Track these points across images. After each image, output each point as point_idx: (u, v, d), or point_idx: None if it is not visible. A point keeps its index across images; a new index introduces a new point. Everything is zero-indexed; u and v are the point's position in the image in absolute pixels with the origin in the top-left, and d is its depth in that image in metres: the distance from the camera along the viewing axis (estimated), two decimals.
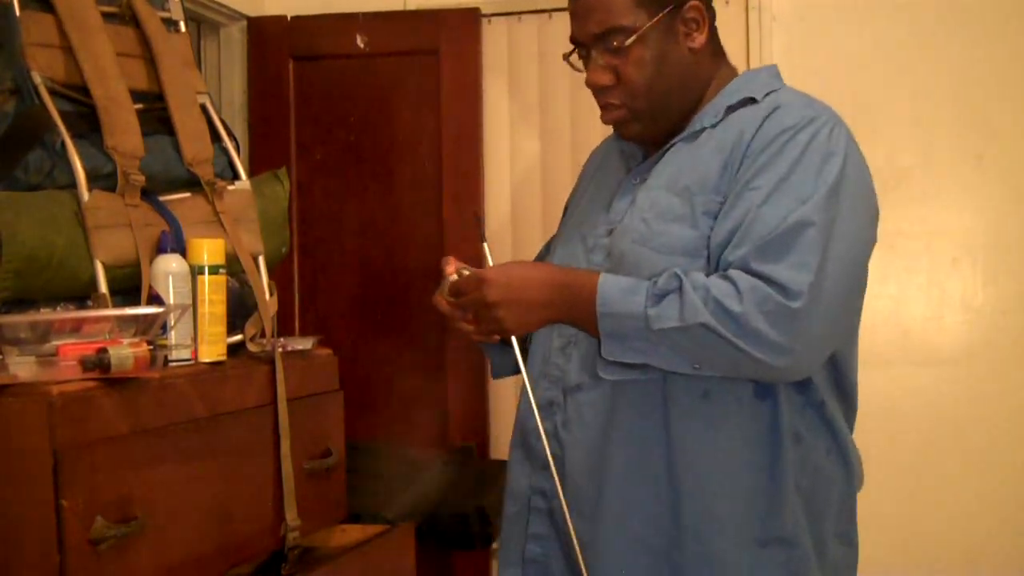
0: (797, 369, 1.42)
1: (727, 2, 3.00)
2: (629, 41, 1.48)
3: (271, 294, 1.82)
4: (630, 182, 1.59)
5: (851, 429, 1.59)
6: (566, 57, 1.58)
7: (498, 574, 1.67)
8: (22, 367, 1.35)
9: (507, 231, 3.12)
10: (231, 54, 3.23)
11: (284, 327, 2.65)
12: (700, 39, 1.53)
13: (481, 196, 3.11)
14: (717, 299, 1.36)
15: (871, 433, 3.01)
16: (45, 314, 1.51)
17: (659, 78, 1.51)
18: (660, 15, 1.49)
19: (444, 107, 3.12)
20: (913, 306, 3.03)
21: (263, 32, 3.19)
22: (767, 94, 1.53)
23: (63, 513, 1.30)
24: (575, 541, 1.47)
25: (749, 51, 3.01)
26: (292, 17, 3.18)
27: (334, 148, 3.18)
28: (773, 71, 1.61)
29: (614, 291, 1.41)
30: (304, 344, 1.88)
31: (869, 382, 3.00)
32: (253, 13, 3.20)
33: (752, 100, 1.52)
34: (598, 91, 1.54)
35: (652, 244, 1.48)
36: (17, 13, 1.61)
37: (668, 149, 1.55)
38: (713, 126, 1.53)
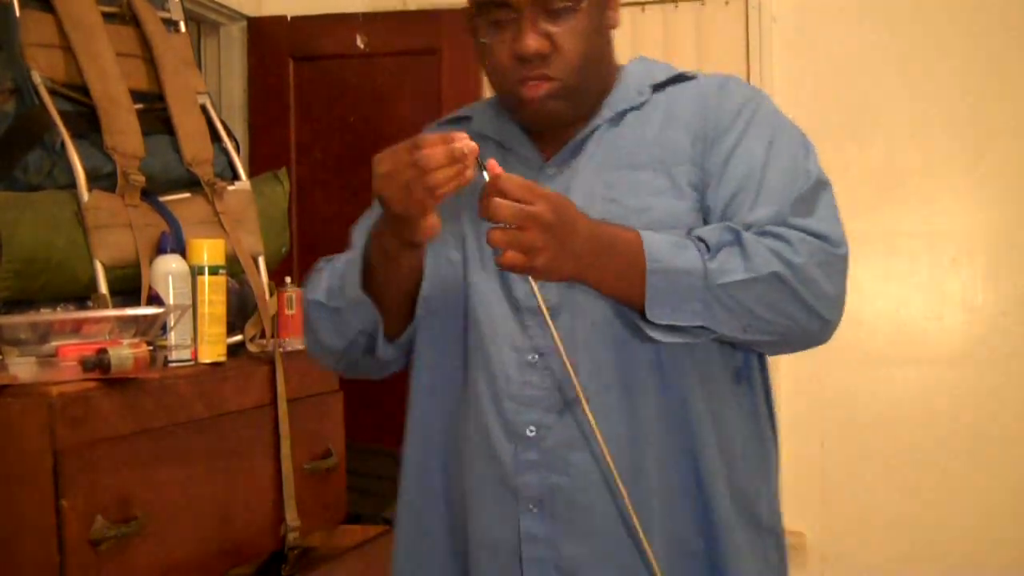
0: (835, 325, 1.32)
1: (727, 2, 3.00)
2: (583, 3, 1.32)
3: (271, 294, 1.82)
4: (544, 172, 1.38)
5: None
6: (471, 18, 1.35)
7: None
8: (22, 367, 1.35)
9: None
10: (231, 54, 3.23)
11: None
12: (616, 18, 1.40)
13: None
14: (775, 250, 1.24)
15: (871, 432, 3.05)
16: (45, 314, 1.51)
17: (591, 52, 1.36)
18: None
19: (444, 107, 3.11)
20: (913, 306, 3.02)
21: (263, 32, 3.19)
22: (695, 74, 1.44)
23: (63, 513, 1.30)
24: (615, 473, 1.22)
25: (749, 51, 3.00)
26: (292, 17, 3.18)
27: (334, 148, 3.18)
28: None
29: (663, 246, 1.23)
30: (304, 344, 1.88)
31: (869, 382, 3.05)
32: (253, 13, 3.20)
33: (685, 77, 1.43)
34: (529, 60, 1.32)
35: (636, 221, 1.29)
36: (17, 13, 1.61)
37: (591, 133, 1.39)
38: (639, 107, 1.41)
